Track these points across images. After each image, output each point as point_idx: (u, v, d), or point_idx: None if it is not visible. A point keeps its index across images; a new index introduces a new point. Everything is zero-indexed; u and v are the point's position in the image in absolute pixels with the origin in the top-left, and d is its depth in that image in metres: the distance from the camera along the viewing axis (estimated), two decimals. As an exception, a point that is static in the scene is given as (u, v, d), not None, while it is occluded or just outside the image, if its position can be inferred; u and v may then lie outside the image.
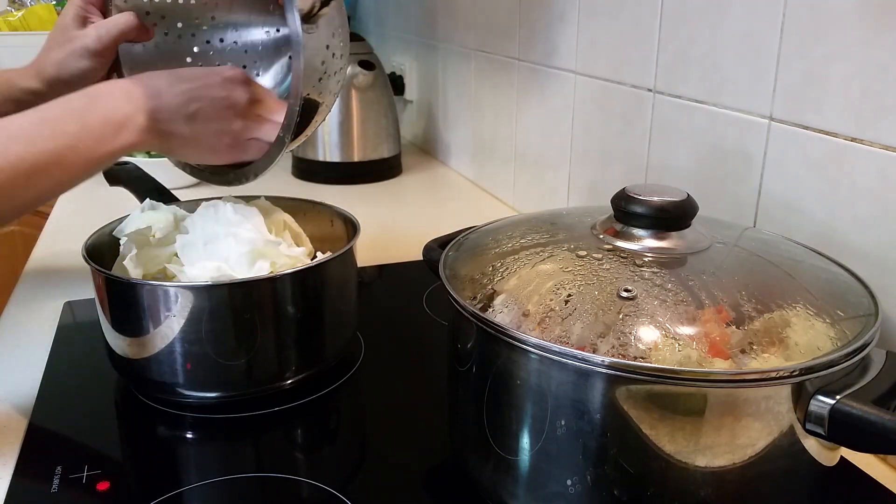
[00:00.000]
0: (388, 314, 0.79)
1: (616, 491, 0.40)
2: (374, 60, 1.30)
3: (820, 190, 0.58)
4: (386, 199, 1.23)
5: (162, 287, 0.56)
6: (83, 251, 0.60)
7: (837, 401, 0.37)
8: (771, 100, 0.61)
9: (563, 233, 0.49)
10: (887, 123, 0.52)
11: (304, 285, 0.60)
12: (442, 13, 1.34)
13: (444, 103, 1.38)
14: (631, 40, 0.79)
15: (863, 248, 0.54)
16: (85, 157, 0.51)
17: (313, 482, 0.52)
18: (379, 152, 1.31)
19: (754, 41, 0.62)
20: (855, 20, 0.53)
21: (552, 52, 0.96)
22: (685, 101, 0.72)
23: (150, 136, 0.54)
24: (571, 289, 0.42)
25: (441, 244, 0.54)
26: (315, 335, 0.62)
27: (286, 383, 0.61)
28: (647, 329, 0.39)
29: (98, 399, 0.63)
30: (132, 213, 0.66)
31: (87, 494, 0.50)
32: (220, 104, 0.58)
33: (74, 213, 1.12)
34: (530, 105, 1.04)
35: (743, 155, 0.65)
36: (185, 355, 0.57)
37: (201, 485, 0.52)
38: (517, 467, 0.43)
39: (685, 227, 0.46)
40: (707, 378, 0.37)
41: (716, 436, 0.38)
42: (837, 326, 0.40)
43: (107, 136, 0.51)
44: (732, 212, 0.66)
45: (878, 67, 0.52)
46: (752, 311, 0.40)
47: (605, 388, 0.38)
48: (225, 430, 0.59)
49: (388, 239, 1.01)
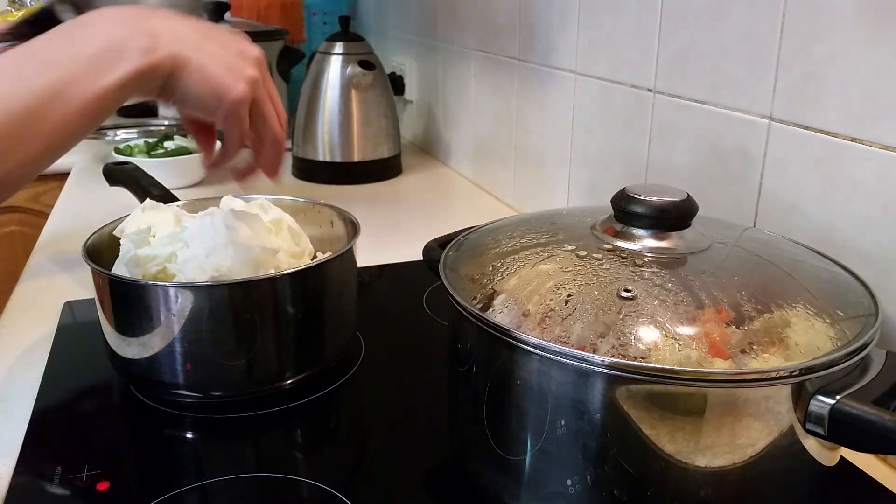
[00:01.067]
0: (388, 314, 0.79)
1: (616, 491, 0.40)
2: (374, 60, 1.30)
3: (820, 190, 0.58)
4: (386, 199, 1.23)
5: (162, 287, 0.56)
6: (83, 251, 0.60)
7: (837, 401, 0.37)
8: (771, 100, 0.61)
9: (563, 233, 0.49)
10: (887, 123, 0.52)
11: (304, 285, 0.60)
12: (442, 13, 1.34)
13: (444, 103, 1.38)
14: (631, 40, 0.79)
15: (863, 248, 0.54)
16: (84, 92, 0.43)
17: (313, 482, 0.52)
18: (379, 152, 1.31)
19: (754, 41, 0.62)
20: (855, 20, 0.53)
21: (552, 52, 0.96)
22: (685, 101, 0.72)
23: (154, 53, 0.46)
24: (571, 289, 0.42)
25: (441, 244, 0.54)
26: (315, 335, 0.62)
27: (286, 383, 0.61)
28: (647, 329, 0.39)
29: (98, 399, 0.63)
30: (132, 213, 0.66)
31: (87, 494, 0.50)
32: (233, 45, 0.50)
33: (74, 213, 1.12)
34: (530, 105, 1.04)
35: (743, 155, 0.65)
36: (185, 355, 0.57)
37: (201, 485, 0.52)
38: (517, 467, 0.43)
39: (685, 227, 0.46)
40: (707, 378, 0.37)
41: (716, 436, 0.38)
42: (837, 326, 0.40)
43: (104, 65, 0.44)
44: (732, 212, 0.66)
45: (878, 67, 0.52)
46: (752, 311, 0.40)
47: (605, 388, 0.38)
48: (225, 430, 0.59)
49: (388, 239, 1.01)
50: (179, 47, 0.47)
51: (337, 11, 1.74)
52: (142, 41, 0.45)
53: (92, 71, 0.44)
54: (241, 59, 0.50)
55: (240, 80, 0.49)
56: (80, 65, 0.44)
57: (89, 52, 0.44)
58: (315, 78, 1.29)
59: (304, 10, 1.84)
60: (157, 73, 0.46)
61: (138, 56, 0.45)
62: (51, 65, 0.43)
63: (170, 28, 0.47)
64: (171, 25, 0.48)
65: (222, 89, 0.48)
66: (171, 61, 0.46)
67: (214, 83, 0.48)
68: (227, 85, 0.48)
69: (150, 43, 0.45)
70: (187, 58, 0.47)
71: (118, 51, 0.45)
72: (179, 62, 0.47)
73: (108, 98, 0.45)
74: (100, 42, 0.45)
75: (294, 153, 1.33)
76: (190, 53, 0.47)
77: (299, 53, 1.61)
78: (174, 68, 0.47)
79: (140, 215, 0.66)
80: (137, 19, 0.47)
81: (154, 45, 0.45)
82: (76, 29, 0.46)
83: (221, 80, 0.48)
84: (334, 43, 1.29)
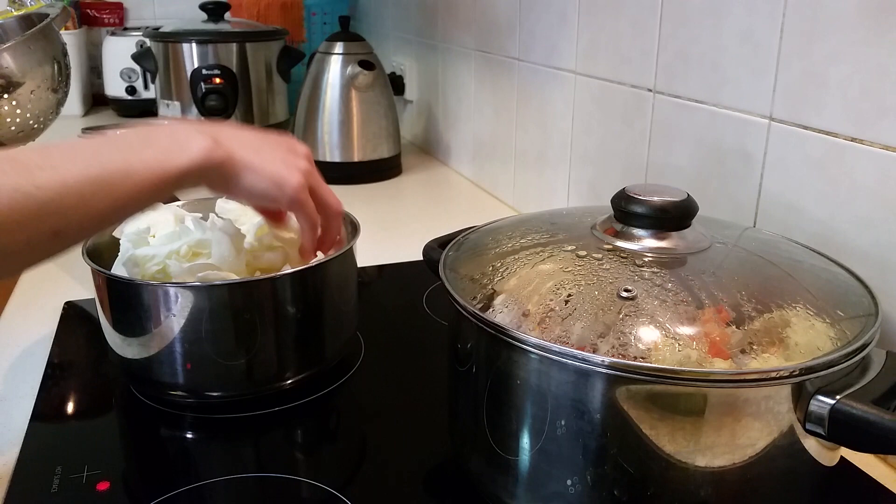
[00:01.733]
0: (388, 314, 0.79)
1: (616, 491, 0.40)
2: (374, 60, 1.30)
3: (820, 190, 0.58)
4: (386, 199, 1.23)
5: (162, 287, 0.56)
6: (83, 251, 0.60)
7: (837, 401, 0.37)
8: (771, 100, 0.61)
9: (563, 233, 0.49)
10: (887, 123, 0.52)
11: (304, 285, 0.60)
12: (442, 13, 1.34)
13: (444, 103, 1.38)
14: (631, 40, 0.79)
15: (863, 248, 0.54)
16: (152, 171, 0.49)
17: (313, 482, 0.52)
18: (379, 152, 1.31)
19: (754, 41, 0.62)
20: (855, 20, 0.53)
21: (552, 52, 0.96)
22: (685, 101, 0.72)
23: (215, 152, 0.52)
24: (571, 289, 0.42)
25: (441, 244, 0.54)
26: (315, 335, 0.62)
27: (286, 383, 0.61)
28: (647, 329, 0.39)
29: (98, 399, 0.63)
30: (132, 213, 0.66)
31: (87, 494, 0.50)
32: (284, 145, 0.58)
33: (74, 213, 1.12)
34: (530, 105, 1.04)
35: (743, 155, 0.65)
36: (185, 355, 0.57)
37: (201, 485, 0.52)
38: (517, 467, 0.43)
39: (685, 227, 0.46)
40: (707, 378, 0.37)
41: (716, 436, 0.38)
42: (837, 326, 0.40)
43: (173, 151, 0.51)
44: (732, 212, 0.66)
45: (878, 67, 0.52)
46: (752, 311, 0.40)
47: (605, 388, 0.38)
48: (225, 430, 0.59)
49: (388, 239, 1.01)
50: (239, 149, 0.54)
51: (337, 11, 1.74)
52: (204, 141, 0.51)
53: (159, 156, 0.50)
54: (292, 155, 0.57)
55: (294, 172, 0.56)
56: (148, 151, 0.50)
57: (160, 139, 0.51)
58: (315, 78, 1.29)
59: (304, 10, 1.84)
60: (218, 170, 0.52)
61: (199, 152, 0.51)
62: (128, 147, 0.50)
63: (230, 134, 0.54)
64: (230, 132, 0.55)
65: (282, 181, 0.55)
66: (231, 161, 0.53)
67: (275, 177, 0.55)
68: (284, 177, 0.55)
69: (211, 144, 0.52)
70: (247, 158, 0.54)
71: (183, 145, 0.51)
72: (240, 162, 0.53)
73: (168, 182, 0.50)
74: (167, 137, 0.51)
75: (294, 153, 1.33)
76: (248, 155, 0.54)
77: (299, 53, 1.61)
78: (234, 167, 0.53)
79: (140, 215, 0.66)
80: (201, 125, 0.54)
81: (215, 146, 0.52)
82: (148, 127, 0.53)
83: (280, 173, 0.55)
84: (334, 43, 1.29)
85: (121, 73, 1.76)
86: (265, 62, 1.54)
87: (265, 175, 0.55)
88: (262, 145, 0.56)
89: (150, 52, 1.55)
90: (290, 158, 0.57)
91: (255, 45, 1.52)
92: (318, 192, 0.59)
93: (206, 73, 1.48)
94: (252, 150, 0.55)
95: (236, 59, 1.50)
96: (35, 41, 1.00)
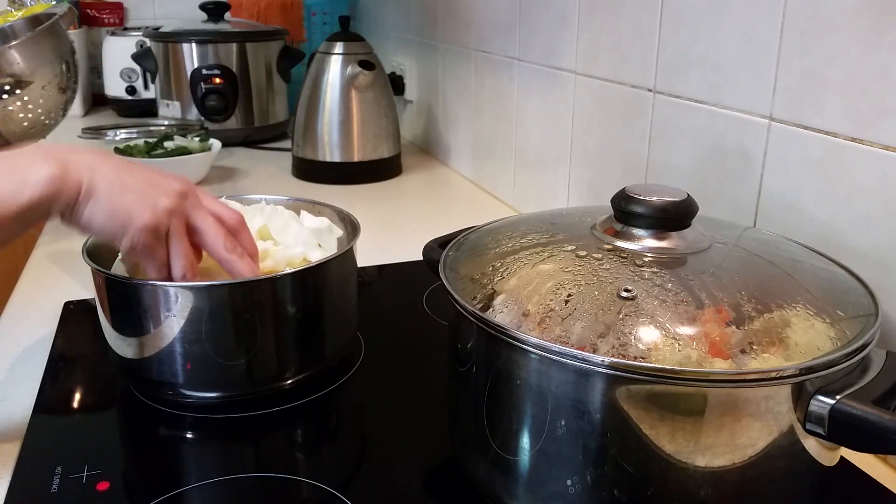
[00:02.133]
0: (388, 314, 0.79)
1: (616, 491, 0.40)
2: (374, 60, 1.30)
3: (820, 190, 0.58)
4: (386, 199, 1.23)
5: (162, 287, 0.56)
6: (83, 251, 0.60)
7: (837, 401, 0.37)
8: (771, 100, 0.61)
9: (563, 233, 0.49)
10: (887, 123, 0.52)
11: (304, 285, 0.60)
12: (442, 13, 1.34)
13: (444, 103, 1.38)
14: (631, 40, 0.79)
15: (863, 248, 0.54)
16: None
17: (313, 482, 0.52)
18: (379, 152, 1.31)
19: (754, 41, 0.62)
20: (855, 20, 0.53)
21: (552, 52, 0.96)
22: (685, 101, 0.72)
23: (61, 180, 0.47)
24: (571, 289, 0.42)
25: (441, 244, 0.54)
26: (315, 335, 0.62)
27: (286, 383, 0.61)
28: (647, 329, 0.39)
29: (98, 399, 0.63)
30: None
31: (87, 494, 0.50)
32: (151, 179, 0.51)
33: (74, 213, 1.12)
34: (530, 105, 1.04)
35: (743, 155, 0.65)
36: (185, 355, 0.57)
37: (201, 485, 0.52)
38: (517, 467, 0.43)
39: (685, 227, 0.46)
40: (707, 378, 0.37)
41: (716, 436, 0.38)
42: (837, 326, 0.40)
43: (10, 192, 0.46)
44: (732, 212, 0.66)
45: (878, 67, 0.52)
46: (752, 311, 0.40)
47: (605, 388, 0.38)
48: (225, 430, 0.59)
49: (388, 239, 1.01)
50: (91, 177, 0.48)
51: (337, 11, 1.74)
52: (47, 169, 0.47)
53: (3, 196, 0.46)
54: (155, 190, 0.51)
55: (146, 210, 0.50)
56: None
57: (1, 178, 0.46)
58: (315, 78, 1.29)
59: (304, 10, 1.84)
60: (64, 197, 0.48)
61: (41, 182, 0.47)
62: None
63: (86, 161, 0.49)
64: (88, 158, 0.49)
65: (127, 217, 0.50)
66: (77, 189, 0.48)
67: (121, 212, 0.49)
68: (131, 213, 0.50)
69: (56, 171, 0.47)
70: (95, 186, 0.48)
71: (23, 177, 0.46)
72: (86, 192, 0.48)
73: (15, 221, 0.46)
74: (12, 169, 0.47)
75: (294, 153, 1.33)
76: (99, 182, 0.49)
77: (299, 53, 1.61)
78: (79, 196, 0.48)
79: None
80: (56, 150, 0.49)
81: (61, 173, 0.47)
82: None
83: (126, 208, 0.49)
84: (334, 43, 1.29)
85: (121, 73, 1.77)
86: (265, 62, 1.55)
87: (111, 207, 0.49)
88: (122, 175, 0.50)
89: (150, 52, 1.55)
90: (151, 193, 0.51)
91: (255, 45, 1.52)
92: (195, 225, 0.54)
93: (206, 73, 1.48)
94: (106, 180, 0.49)
95: (236, 59, 1.50)
96: (43, 39, 1.00)
